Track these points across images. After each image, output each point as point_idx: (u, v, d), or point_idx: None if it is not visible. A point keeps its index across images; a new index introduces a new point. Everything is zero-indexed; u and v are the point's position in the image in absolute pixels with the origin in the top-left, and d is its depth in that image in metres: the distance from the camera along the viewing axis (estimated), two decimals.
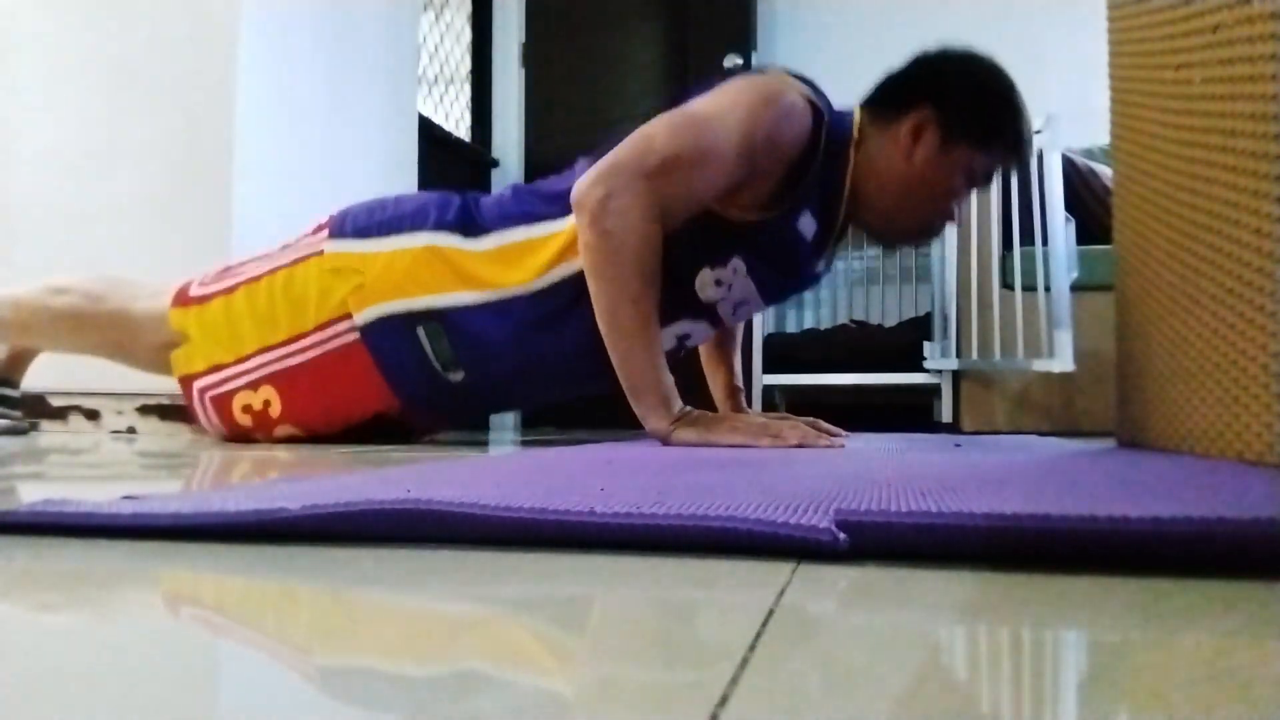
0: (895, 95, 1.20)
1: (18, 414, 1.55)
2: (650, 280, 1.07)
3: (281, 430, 1.30)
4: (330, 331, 1.24)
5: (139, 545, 0.38)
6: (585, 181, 1.07)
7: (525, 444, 1.53)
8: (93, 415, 1.91)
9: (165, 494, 0.48)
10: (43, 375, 1.68)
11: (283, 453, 1.10)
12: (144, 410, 1.89)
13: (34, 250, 1.95)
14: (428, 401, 1.30)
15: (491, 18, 3.41)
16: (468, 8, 3.32)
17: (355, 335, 1.24)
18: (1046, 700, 0.20)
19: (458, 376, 1.26)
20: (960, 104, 1.17)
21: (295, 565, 0.34)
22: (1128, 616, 0.26)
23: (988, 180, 1.23)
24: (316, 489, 0.47)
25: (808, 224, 1.19)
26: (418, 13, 2.67)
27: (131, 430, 1.88)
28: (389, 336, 1.23)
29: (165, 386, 1.89)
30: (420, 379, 1.26)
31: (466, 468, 0.67)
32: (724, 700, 0.18)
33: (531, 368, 1.25)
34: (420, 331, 1.23)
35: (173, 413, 1.89)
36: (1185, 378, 0.91)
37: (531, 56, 3.38)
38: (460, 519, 0.38)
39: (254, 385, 1.27)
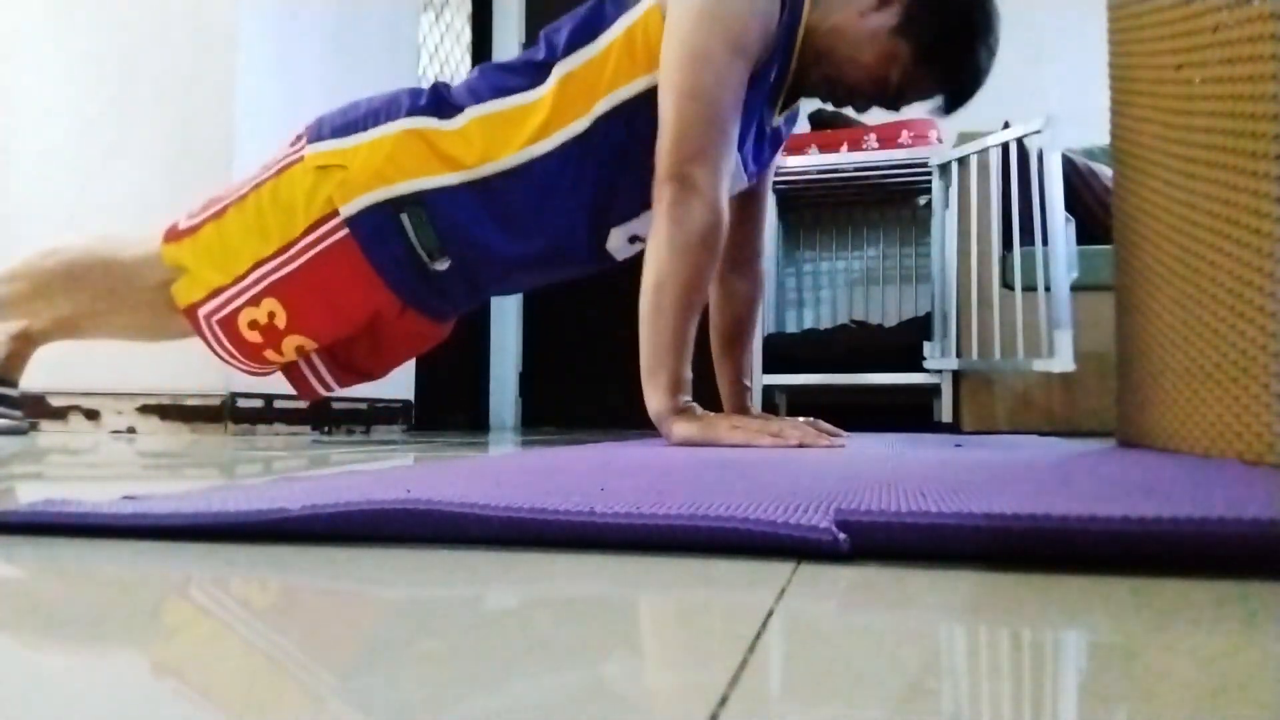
0: None
1: (18, 414, 1.55)
2: (706, 272, 1.12)
3: (291, 341, 1.30)
4: (320, 232, 1.24)
5: (139, 545, 0.38)
6: (663, 166, 1.12)
7: (525, 444, 1.53)
8: (93, 415, 1.91)
9: (165, 494, 0.48)
10: (43, 375, 1.68)
11: (282, 452, 1.10)
12: (144, 410, 1.89)
13: (34, 250, 1.95)
14: (421, 294, 1.30)
15: (491, 18, 3.41)
16: (468, 8, 3.32)
17: (345, 231, 1.23)
18: (1046, 700, 0.20)
19: (444, 265, 1.26)
20: (932, 9, 1.18)
21: (295, 565, 0.34)
22: (1128, 616, 0.26)
23: (904, 94, 1.24)
24: (316, 489, 0.47)
25: (770, 70, 1.21)
26: (418, 13, 2.67)
27: (131, 430, 1.88)
28: (374, 227, 1.23)
29: (165, 386, 1.89)
30: (409, 270, 1.26)
31: (466, 468, 0.67)
32: (724, 700, 0.18)
33: (516, 250, 1.25)
34: (404, 219, 1.23)
35: (173, 413, 1.89)
36: (1185, 378, 0.91)
37: None
38: (460, 519, 0.38)
39: (255, 300, 1.27)
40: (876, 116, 2.61)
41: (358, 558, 0.35)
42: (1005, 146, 2.17)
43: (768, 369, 2.62)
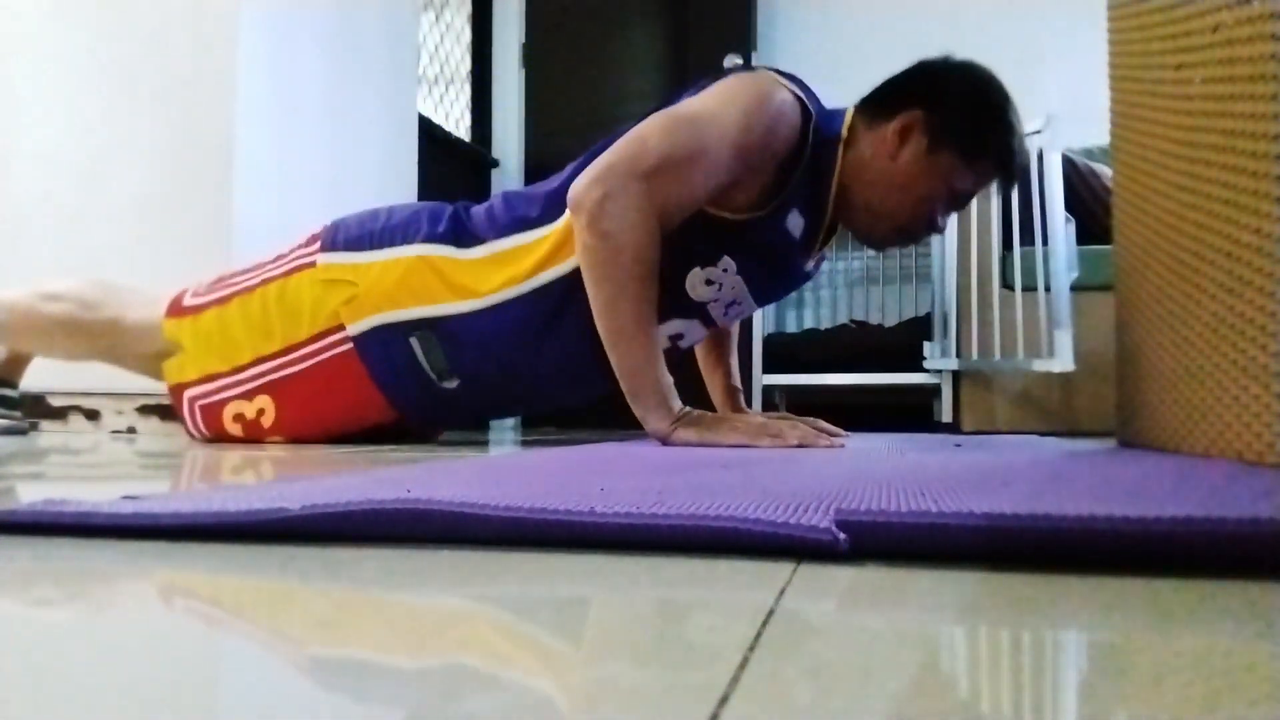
0: (890, 97, 1.20)
1: (18, 414, 1.55)
2: (649, 281, 1.07)
3: (271, 440, 1.31)
4: (325, 342, 1.25)
5: (139, 545, 0.38)
6: (582, 182, 1.07)
7: (525, 444, 1.53)
8: (93, 415, 1.91)
9: (165, 494, 0.48)
10: (43, 375, 1.68)
11: (282, 453, 1.10)
12: (144, 410, 1.89)
13: (34, 250, 1.95)
14: (423, 410, 1.31)
15: (491, 18, 3.41)
16: (468, 8, 3.32)
17: (349, 345, 1.24)
18: (1046, 700, 0.20)
19: (452, 384, 1.27)
20: (951, 111, 1.17)
21: (295, 565, 0.34)
22: (1128, 616, 0.26)
23: (969, 194, 1.23)
24: (316, 489, 0.47)
25: (795, 222, 1.20)
26: (418, 13, 2.67)
27: (131, 430, 1.88)
28: (382, 346, 1.24)
29: (165, 386, 1.89)
30: (415, 388, 1.27)
31: (466, 468, 0.67)
32: (724, 700, 0.18)
33: (526, 373, 1.25)
34: (413, 341, 1.24)
35: (173, 413, 1.89)
36: (1185, 378, 0.91)
37: (531, 56, 3.38)
38: (460, 519, 0.38)
39: (249, 395, 1.27)
40: None
41: (358, 558, 0.35)
42: None
43: (768, 369, 2.62)
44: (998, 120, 1.18)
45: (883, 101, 1.21)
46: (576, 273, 1.15)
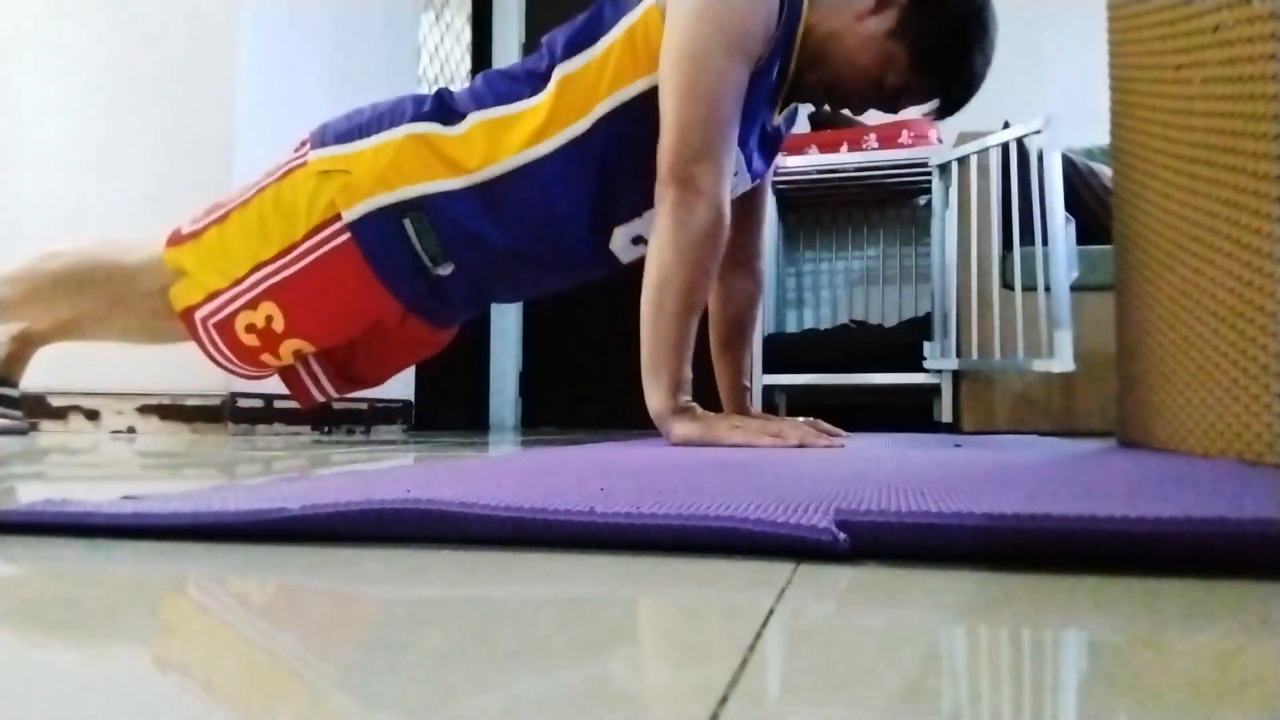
0: None
1: (18, 414, 1.55)
2: (710, 270, 1.13)
3: (289, 345, 1.29)
4: (321, 235, 1.24)
5: (139, 545, 0.38)
6: (665, 165, 1.12)
7: (525, 444, 1.53)
8: (93, 415, 1.91)
9: (165, 494, 0.48)
10: (43, 375, 1.68)
11: (282, 452, 1.10)
12: (144, 410, 1.89)
13: (34, 248, 1.95)
14: (422, 299, 1.30)
15: (491, 18, 3.41)
16: (468, 8, 3.32)
17: (347, 235, 1.23)
18: (1046, 700, 0.20)
19: (446, 269, 1.26)
20: (929, 15, 1.17)
21: (295, 565, 0.34)
22: (1128, 616, 0.26)
23: (899, 94, 1.23)
24: (316, 489, 0.47)
25: (774, 68, 1.21)
26: (418, 13, 2.67)
27: (131, 430, 1.88)
28: (378, 232, 1.23)
29: (165, 386, 1.89)
30: (411, 275, 1.26)
31: (466, 467, 0.67)
32: (724, 700, 0.18)
33: (518, 253, 1.25)
34: (407, 223, 1.23)
35: (173, 413, 1.89)
36: (1185, 378, 0.91)
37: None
38: (461, 519, 0.38)
39: (253, 303, 1.26)
40: (876, 117, 2.61)
41: (358, 558, 0.35)
42: (1005, 146, 2.17)
43: (768, 369, 2.62)
44: (963, 51, 1.19)
45: None
46: (565, 149, 1.18)
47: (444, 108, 1.26)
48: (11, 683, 0.20)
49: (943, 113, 1.26)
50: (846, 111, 1.39)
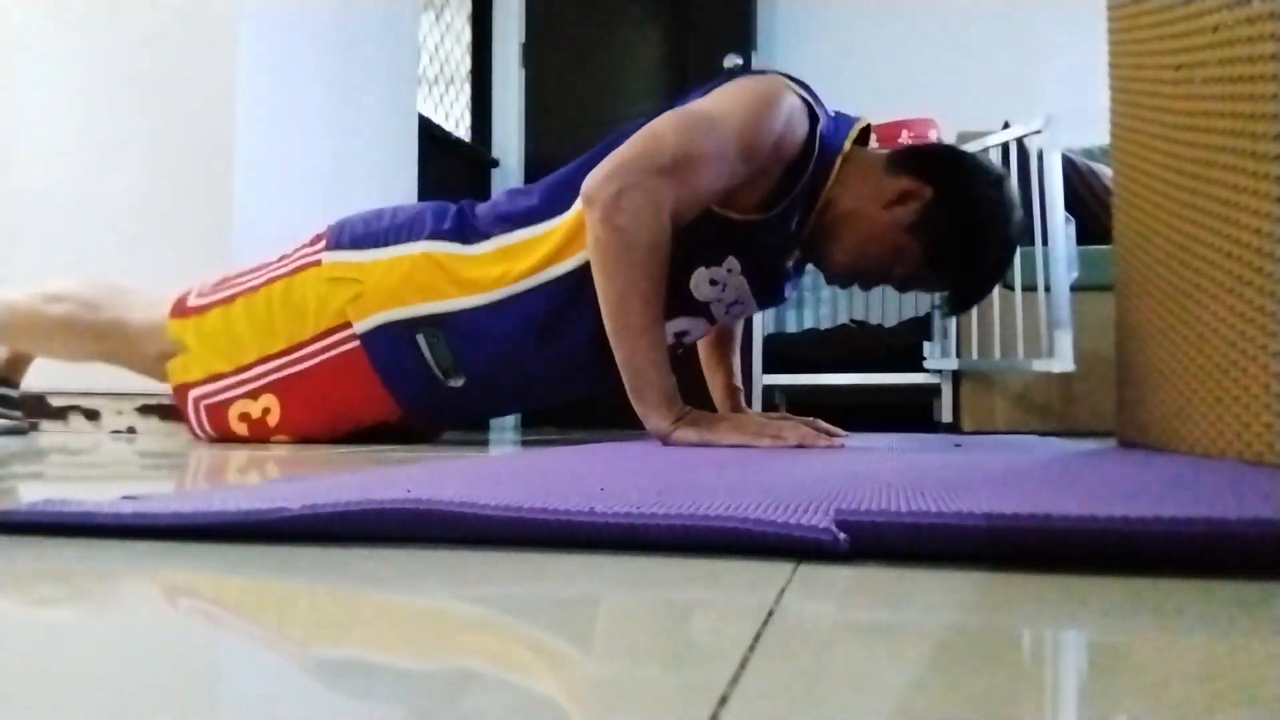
0: (927, 158, 1.20)
1: (18, 414, 1.55)
2: (660, 278, 1.07)
3: (277, 440, 1.31)
4: (330, 340, 1.25)
5: (139, 545, 0.38)
6: (597, 176, 1.07)
7: (525, 444, 1.53)
8: (93, 415, 1.91)
9: (165, 494, 0.48)
10: (43, 375, 1.68)
11: (282, 452, 1.10)
12: (144, 410, 1.89)
13: (34, 250, 1.95)
14: (429, 407, 1.31)
15: (491, 18, 3.41)
16: (468, 8, 3.32)
17: (355, 343, 1.24)
18: (1046, 700, 0.20)
19: (458, 382, 1.26)
20: (952, 220, 1.16)
21: (295, 565, 0.34)
22: (1128, 616, 0.26)
23: (911, 285, 1.24)
24: (316, 489, 0.47)
25: (790, 217, 1.20)
26: (418, 13, 2.67)
27: (131, 430, 1.89)
28: (389, 344, 1.24)
29: (165, 387, 1.89)
30: (421, 386, 1.27)
31: (466, 468, 0.67)
32: (724, 700, 0.18)
33: (531, 369, 1.25)
34: (420, 338, 1.24)
35: (173, 413, 1.89)
36: (1185, 378, 0.91)
37: (531, 56, 3.38)
38: (460, 519, 0.38)
39: (254, 394, 1.27)
40: (877, 116, 2.61)
41: (358, 558, 0.35)
42: (1005, 146, 2.17)
43: (768, 369, 2.62)
44: (978, 256, 1.19)
45: (907, 156, 1.20)
46: (585, 268, 1.15)
47: (464, 225, 1.25)
48: (12, 683, 0.20)
49: (951, 309, 1.25)
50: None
